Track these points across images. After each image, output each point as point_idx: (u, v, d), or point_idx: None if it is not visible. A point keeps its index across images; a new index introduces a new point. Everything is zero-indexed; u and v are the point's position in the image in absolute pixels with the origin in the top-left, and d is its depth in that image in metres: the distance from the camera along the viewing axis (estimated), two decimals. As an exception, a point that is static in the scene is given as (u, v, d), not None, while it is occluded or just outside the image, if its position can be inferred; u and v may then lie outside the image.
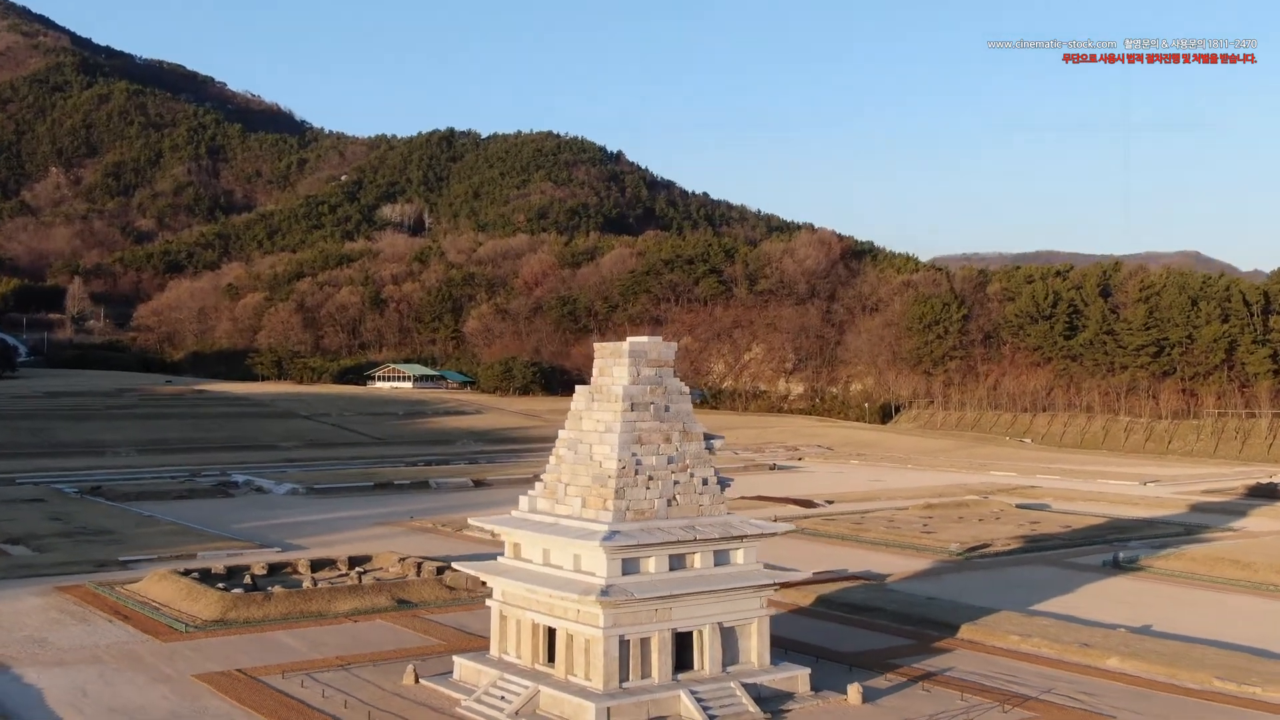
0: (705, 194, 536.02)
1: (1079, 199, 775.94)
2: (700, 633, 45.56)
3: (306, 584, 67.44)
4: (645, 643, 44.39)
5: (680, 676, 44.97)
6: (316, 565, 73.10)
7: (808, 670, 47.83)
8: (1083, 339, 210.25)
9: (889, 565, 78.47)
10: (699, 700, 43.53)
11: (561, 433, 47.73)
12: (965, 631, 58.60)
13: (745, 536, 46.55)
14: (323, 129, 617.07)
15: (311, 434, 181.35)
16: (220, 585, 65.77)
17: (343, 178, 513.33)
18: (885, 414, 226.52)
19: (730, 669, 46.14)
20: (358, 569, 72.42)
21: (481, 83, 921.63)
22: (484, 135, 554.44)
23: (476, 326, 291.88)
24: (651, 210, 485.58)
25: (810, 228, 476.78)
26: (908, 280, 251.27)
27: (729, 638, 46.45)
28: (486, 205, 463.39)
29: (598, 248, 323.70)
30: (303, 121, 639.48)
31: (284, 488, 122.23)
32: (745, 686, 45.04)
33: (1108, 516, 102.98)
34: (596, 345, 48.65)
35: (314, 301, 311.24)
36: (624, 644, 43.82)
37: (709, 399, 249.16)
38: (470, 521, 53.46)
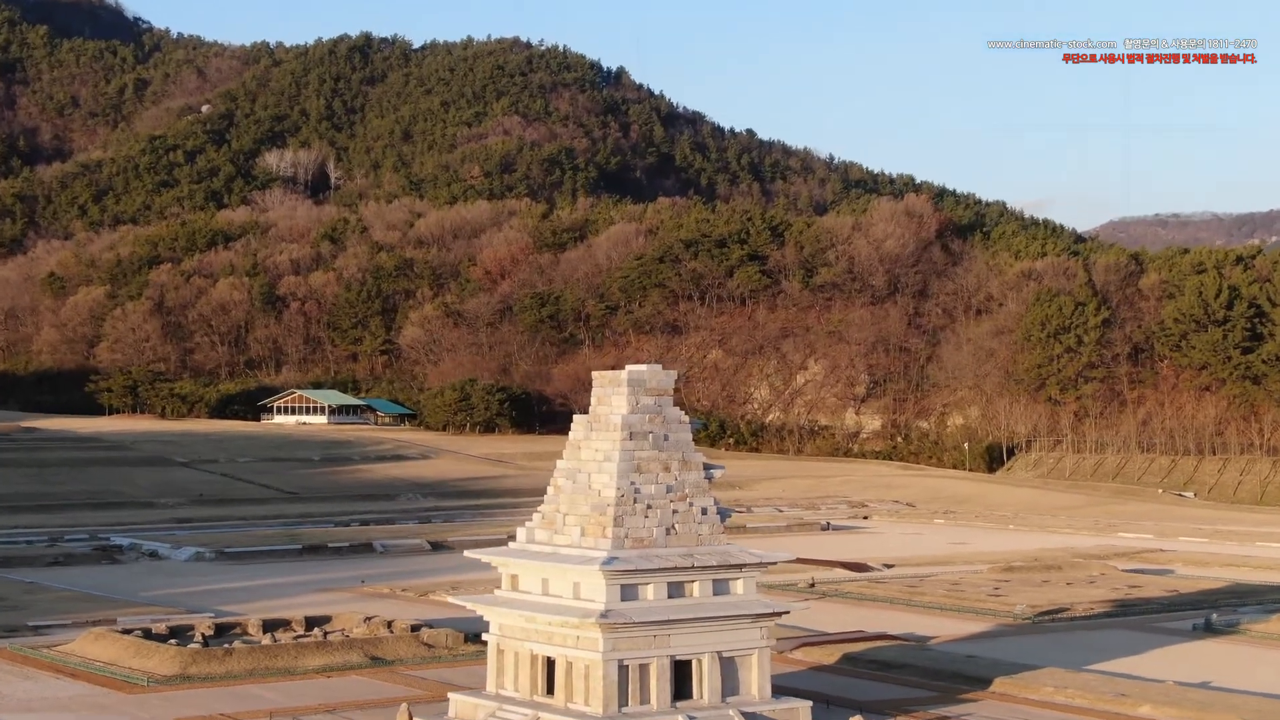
0: (749, 132, 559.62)
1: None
2: (699, 661, 72.38)
3: (266, 643, 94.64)
4: (644, 669, 71.17)
5: (679, 704, 71.81)
6: (269, 626, 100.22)
7: (809, 703, 74.65)
8: (1267, 352, 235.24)
9: (938, 628, 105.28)
10: (697, 726, 70.49)
11: (560, 463, 74.72)
12: (998, 685, 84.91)
13: (744, 565, 73.51)
14: (169, 31, 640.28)
15: (197, 486, 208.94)
16: (173, 642, 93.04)
17: (204, 109, 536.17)
18: (993, 458, 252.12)
19: (730, 699, 72.99)
20: (319, 629, 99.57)
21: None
22: (416, 45, 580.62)
23: (418, 336, 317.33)
24: (669, 159, 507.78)
25: (908, 185, 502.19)
26: (1028, 269, 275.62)
27: (728, 668, 73.27)
28: (422, 153, 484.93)
29: (590, 220, 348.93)
30: (139, 21, 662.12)
31: (185, 552, 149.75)
32: (745, 716, 71.86)
33: (1231, 581, 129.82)
34: (595, 374, 75.69)
35: (178, 300, 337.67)
36: (623, 669, 70.55)
37: (746, 439, 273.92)
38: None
